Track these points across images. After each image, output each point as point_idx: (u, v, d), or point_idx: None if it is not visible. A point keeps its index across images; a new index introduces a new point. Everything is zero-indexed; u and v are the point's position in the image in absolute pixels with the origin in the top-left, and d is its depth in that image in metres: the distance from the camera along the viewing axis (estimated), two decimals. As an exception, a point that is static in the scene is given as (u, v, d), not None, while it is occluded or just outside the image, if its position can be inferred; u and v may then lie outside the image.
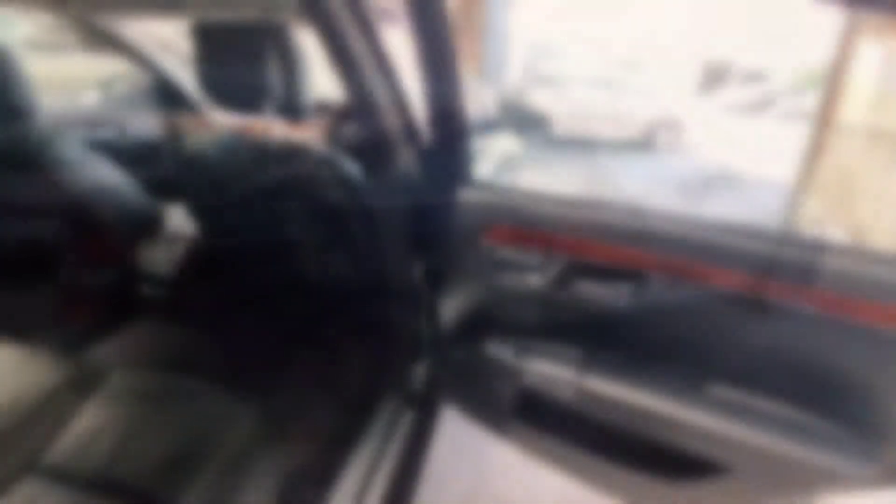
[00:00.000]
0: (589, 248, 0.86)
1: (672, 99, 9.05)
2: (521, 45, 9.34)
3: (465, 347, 1.07)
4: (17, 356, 1.02)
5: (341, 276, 1.31)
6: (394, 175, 1.01)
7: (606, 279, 0.87)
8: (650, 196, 5.80)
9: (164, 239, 1.43)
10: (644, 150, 8.49)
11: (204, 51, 1.00)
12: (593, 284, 0.88)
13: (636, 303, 0.86)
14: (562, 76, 10.47)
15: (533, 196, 0.92)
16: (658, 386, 0.87)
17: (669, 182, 6.54)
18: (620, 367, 0.90)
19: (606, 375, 0.90)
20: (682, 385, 0.87)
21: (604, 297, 0.88)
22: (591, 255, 0.86)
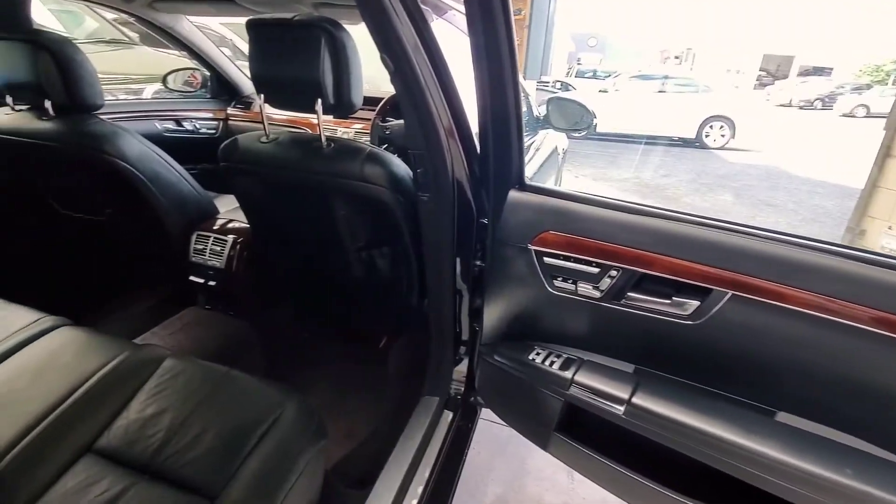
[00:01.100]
0: (649, 260, 0.81)
1: (727, 94, 8.58)
2: (566, 35, 9.09)
3: (508, 353, 1.04)
4: (82, 339, 1.06)
5: (386, 273, 1.30)
6: (442, 174, 0.99)
7: (667, 294, 0.82)
8: (697, 193, 5.55)
9: (216, 229, 1.47)
10: (695, 146, 8.12)
11: (258, 45, 1.01)
12: (652, 298, 0.83)
13: (699, 320, 0.80)
14: (608, 69, 10.14)
15: (588, 201, 0.88)
16: (717, 410, 0.81)
17: (718, 180, 6.22)
18: (676, 387, 0.85)
19: (660, 394, 0.84)
20: (745, 411, 0.81)
21: (663, 312, 0.83)
22: (651, 267, 0.81)
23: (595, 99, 8.22)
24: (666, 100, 8.49)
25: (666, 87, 8.64)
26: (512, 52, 0.79)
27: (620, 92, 8.68)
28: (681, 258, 0.79)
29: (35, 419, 0.88)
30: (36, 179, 1.45)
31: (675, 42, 13.35)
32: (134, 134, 1.29)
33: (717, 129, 8.11)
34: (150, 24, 1.89)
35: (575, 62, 12.42)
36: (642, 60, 15.23)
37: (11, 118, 1.28)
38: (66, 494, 0.78)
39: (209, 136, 2.18)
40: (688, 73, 11.10)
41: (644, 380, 0.88)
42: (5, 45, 1.18)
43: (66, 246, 1.64)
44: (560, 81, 9.85)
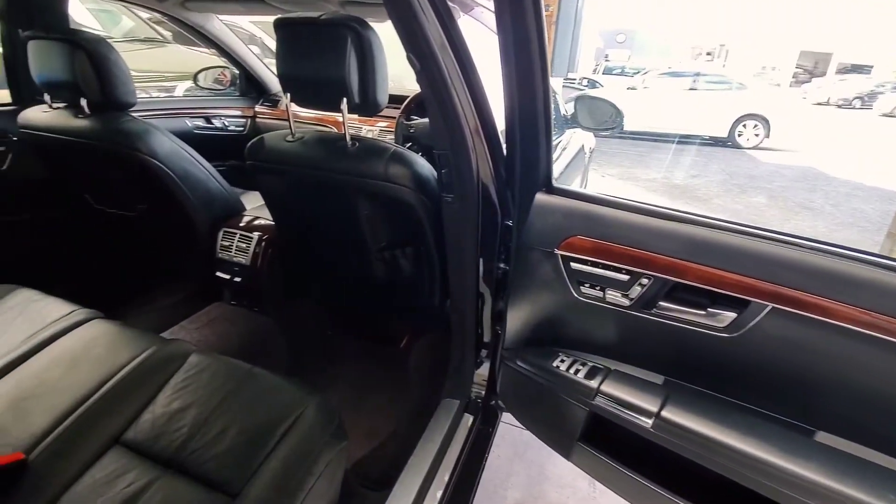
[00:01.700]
0: (683, 268, 0.78)
1: (761, 91, 8.27)
2: (594, 31, 8.93)
3: (531, 359, 1.02)
4: (113, 332, 1.09)
5: (408, 274, 1.29)
6: (466, 175, 0.98)
7: (701, 304, 0.79)
8: (729, 194, 5.37)
9: (242, 226, 1.49)
10: (727, 145, 7.87)
11: (285, 45, 1.01)
12: (685, 309, 0.80)
13: (735, 333, 0.76)
14: (637, 66, 9.90)
15: (619, 206, 0.85)
16: (752, 427, 0.78)
17: (751, 181, 6.01)
18: (708, 401, 0.82)
19: (691, 408, 0.81)
20: (782, 429, 0.77)
21: (697, 323, 0.79)
22: (685, 276, 0.78)
23: (623, 96, 8.04)
24: (697, 97, 8.24)
25: (697, 85, 8.39)
26: (542, 50, 0.77)
27: (649, 89, 8.47)
28: (717, 268, 0.75)
29: (67, 409, 0.90)
30: (72, 175, 1.49)
31: (708, 38, 12.93)
32: (164, 132, 1.31)
33: (750, 127, 7.83)
34: (181, 22, 1.92)
35: (602, 59, 12.17)
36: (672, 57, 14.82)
37: (49, 116, 1.32)
38: (95, 485, 0.80)
39: (237, 133, 2.22)
40: (720, 70, 10.76)
41: (674, 392, 0.84)
42: (44, 44, 1.22)
43: (99, 240, 1.69)
44: (587, 78, 9.68)
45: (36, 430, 0.86)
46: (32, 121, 1.34)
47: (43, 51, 1.23)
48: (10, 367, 1.00)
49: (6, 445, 0.83)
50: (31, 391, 0.95)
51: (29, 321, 1.12)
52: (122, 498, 0.77)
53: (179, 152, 1.32)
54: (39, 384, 0.96)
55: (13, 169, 1.44)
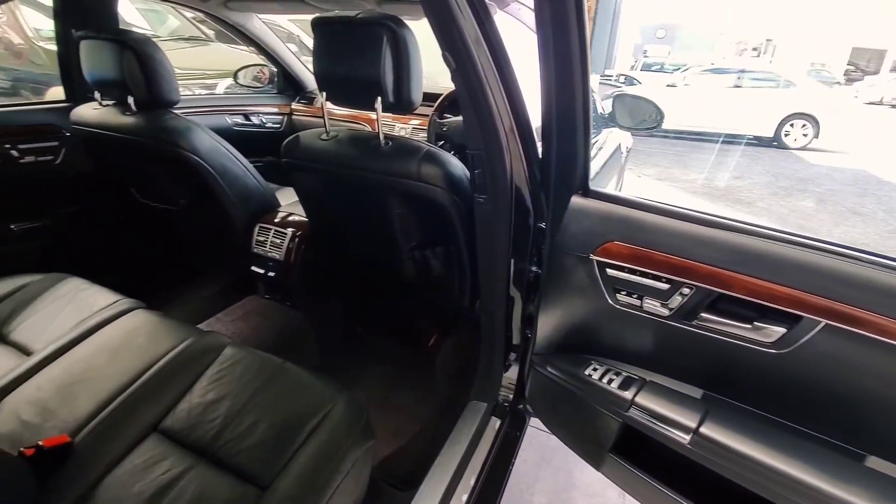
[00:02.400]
0: (728, 279, 0.74)
1: (809, 90, 7.83)
2: (633, 26, 8.67)
3: (562, 366, 0.99)
4: (154, 322, 1.13)
5: (438, 274, 1.29)
6: (500, 176, 0.96)
7: (747, 318, 0.74)
8: (774, 197, 5.12)
9: (277, 222, 1.52)
10: (772, 146, 7.51)
11: (322, 43, 1.02)
12: (730, 322, 0.76)
13: (784, 349, 0.72)
14: (678, 63, 9.55)
15: (660, 211, 0.81)
16: (799, 449, 0.73)
17: (798, 183, 5.71)
18: (751, 420, 0.77)
19: (733, 425, 0.77)
20: (831, 452, 0.72)
21: (742, 337, 0.75)
22: (731, 288, 0.74)
23: (662, 94, 7.79)
24: (741, 95, 7.90)
25: (742, 82, 8.04)
26: (583, 48, 0.74)
27: (690, 86, 8.17)
28: (766, 280, 0.71)
29: (110, 395, 0.94)
30: (119, 170, 1.56)
31: (754, 33, 12.32)
32: (205, 129, 1.35)
33: (798, 127, 7.44)
34: (223, 21, 1.98)
35: (641, 55, 11.80)
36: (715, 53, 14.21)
37: (99, 113, 1.38)
38: (134, 470, 0.83)
39: (274, 130, 2.26)
40: (767, 67, 10.26)
41: (714, 408, 0.80)
42: (95, 43, 1.27)
43: (143, 233, 1.76)
44: (624, 75, 9.42)
45: (81, 415, 0.91)
46: (84, 117, 1.40)
47: (94, 50, 1.28)
48: (60, 352, 1.05)
49: (54, 428, 0.88)
50: (78, 376, 0.99)
51: (77, 309, 1.18)
52: (158, 484, 0.80)
53: (219, 149, 1.36)
54: (86, 370, 1.01)
55: (65, 163, 1.51)
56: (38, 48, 3.36)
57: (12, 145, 1.41)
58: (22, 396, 0.95)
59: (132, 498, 0.78)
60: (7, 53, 3.49)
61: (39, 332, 1.13)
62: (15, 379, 0.98)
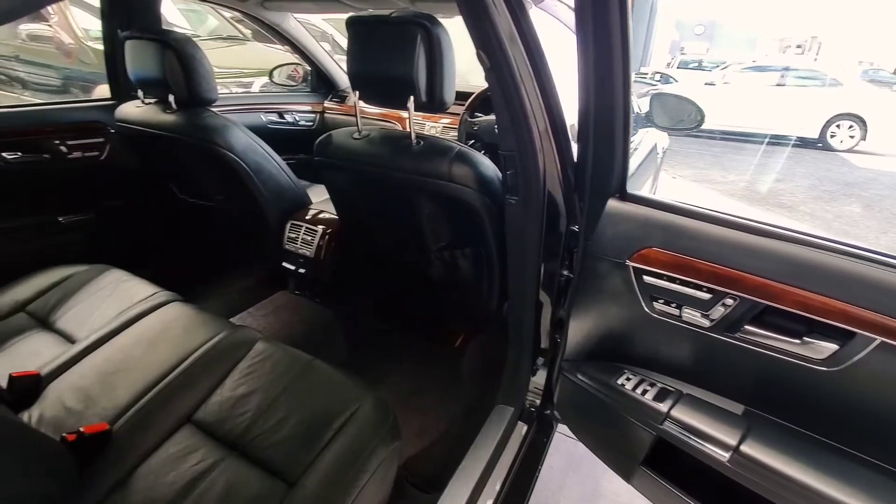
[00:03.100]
0: (776, 291, 0.69)
1: (856, 89, 7.41)
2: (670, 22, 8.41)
3: (593, 374, 0.97)
4: (189, 315, 1.16)
5: (466, 274, 1.28)
6: (532, 177, 0.94)
7: (796, 332, 0.70)
8: (818, 201, 4.87)
9: (308, 219, 1.54)
10: (817, 147, 7.15)
11: (356, 43, 1.02)
12: (776, 336, 0.72)
13: (835, 367, 0.68)
14: (717, 60, 9.21)
15: (704, 217, 0.78)
16: (848, 472, 0.69)
17: (844, 187, 5.41)
18: (797, 439, 0.73)
19: (776, 444, 0.73)
20: (883, 477, 0.68)
21: (789, 353, 0.71)
22: (779, 300, 0.70)
23: (700, 92, 7.52)
24: (784, 94, 7.55)
25: (785, 80, 7.68)
26: (625, 47, 0.71)
27: (730, 85, 7.87)
28: (818, 293, 0.66)
29: (147, 385, 0.97)
30: (160, 166, 1.61)
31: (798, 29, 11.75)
32: (241, 127, 1.37)
33: (844, 128, 7.05)
34: (260, 21, 2.01)
35: (678, 52, 11.45)
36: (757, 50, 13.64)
37: (142, 111, 1.42)
38: (168, 460, 0.85)
39: (307, 128, 2.29)
40: (812, 65, 9.78)
41: (756, 425, 0.76)
42: (138, 43, 1.31)
43: (181, 227, 1.81)
44: (660, 73, 9.15)
45: (120, 403, 0.94)
46: (127, 115, 1.45)
47: (137, 50, 1.33)
48: (101, 341, 1.09)
49: (94, 415, 0.91)
50: (117, 365, 1.03)
51: (118, 300, 1.22)
52: (191, 475, 0.82)
53: (254, 147, 1.39)
54: (125, 359, 1.04)
55: (110, 159, 1.57)
56: (86, 47, 3.51)
57: (61, 141, 1.47)
58: (66, 383, 0.99)
59: (166, 487, 0.80)
60: (58, 53, 3.67)
61: (83, 320, 1.18)
62: (60, 366, 1.02)
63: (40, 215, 1.50)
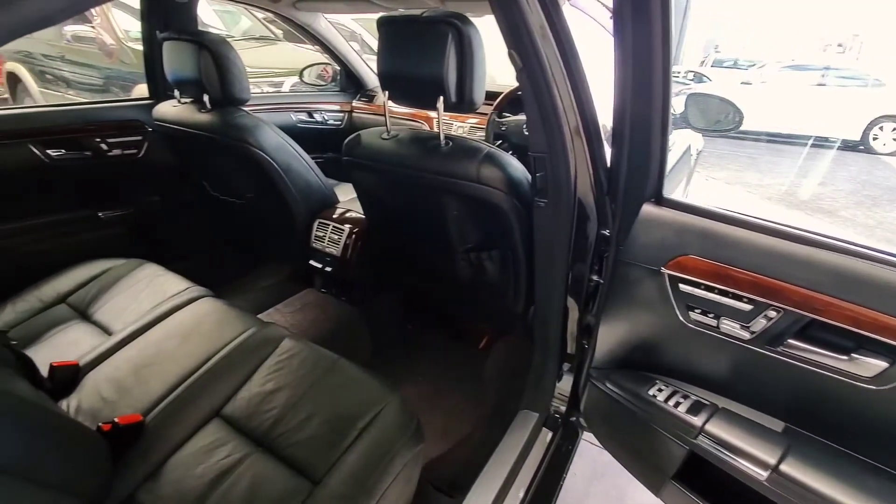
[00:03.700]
0: (823, 304, 0.66)
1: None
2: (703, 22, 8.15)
3: (623, 383, 0.94)
4: (220, 310, 1.18)
5: (492, 277, 1.26)
6: (563, 179, 0.92)
7: (844, 348, 0.66)
8: (860, 206, 4.64)
9: (336, 218, 1.55)
10: (858, 150, 6.82)
11: (386, 43, 1.01)
12: (822, 351, 0.68)
13: (885, 386, 0.64)
14: (753, 59, 8.88)
15: (746, 224, 0.74)
16: None
17: (888, 192, 5.14)
18: (841, 460, 0.69)
19: (819, 465, 0.69)
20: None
21: (836, 370, 0.67)
22: (826, 314, 0.66)
23: (736, 92, 7.27)
24: (825, 95, 7.23)
25: (825, 80, 7.36)
26: (666, 48, 0.69)
27: (767, 84, 7.58)
28: (869, 307, 0.63)
29: (179, 379, 1.00)
30: (194, 164, 1.65)
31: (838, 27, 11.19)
32: (272, 126, 1.39)
33: (888, 131, 6.70)
34: (292, 21, 2.04)
35: (712, 50, 11.10)
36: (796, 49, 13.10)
37: (178, 110, 1.46)
38: (197, 453, 0.87)
39: (335, 127, 2.32)
40: (853, 64, 9.34)
41: (797, 444, 0.73)
42: (175, 44, 1.35)
43: (213, 224, 1.86)
44: (693, 72, 8.88)
45: (153, 395, 0.96)
46: (164, 114, 1.49)
47: (174, 50, 1.36)
48: (136, 334, 1.12)
49: (128, 406, 0.94)
50: (151, 358, 1.06)
51: (152, 294, 1.26)
52: (218, 469, 0.83)
53: (284, 146, 1.40)
54: (158, 352, 1.07)
55: (147, 156, 1.62)
56: (126, 48, 3.63)
57: (102, 139, 1.52)
58: (102, 374, 1.02)
59: (194, 479, 0.82)
60: (100, 53, 3.81)
61: (119, 313, 1.21)
62: (97, 356, 1.06)
63: (81, 210, 1.56)
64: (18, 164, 1.40)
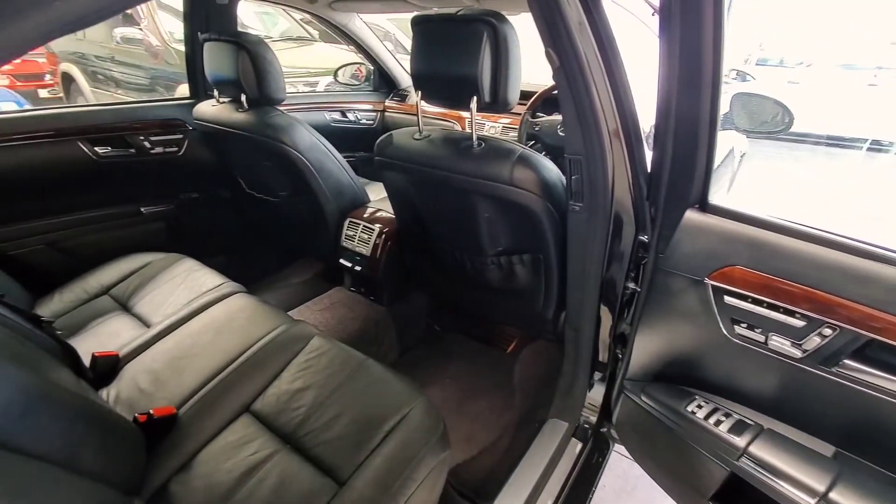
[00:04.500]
0: (887, 323, 0.61)
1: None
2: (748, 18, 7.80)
3: (660, 397, 0.90)
4: (252, 306, 1.20)
5: (523, 281, 1.24)
6: (599, 183, 0.89)
7: None
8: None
9: (366, 217, 1.55)
10: (920, 154, 6.38)
11: (420, 42, 1.00)
12: (883, 374, 0.63)
13: None
14: (803, 58, 8.44)
15: (800, 235, 0.69)
16: None
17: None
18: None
19: (872, 495, 0.64)
20: None
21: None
22: (890, 334, 0.61)
23: (783, 91, 6.93)
24: (878, 95, 6.80)
25: (879, 80, 6.93)
26: (718, 46, 0.65)
27: (817, 83, 7.19)
28: None
29: (212, 373, 1.02)
30: (231, 162, 1.69)
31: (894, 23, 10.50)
32: (306, 125, 1.41)
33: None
34: (327, 22, 2.07)
35: (757, 47, 10.61)
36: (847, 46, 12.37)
37: (217, 109, 1.50)
38: (227, 447, 0.88)
39: (368, 126, 2.33)
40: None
41: (849, 471, 0.67)
42: (215, 45, 1.38)
43: (247, 220, 1.90)
44: (735, 70, 8.53)
45: (186, 388, 0.98)
46: (203, 113, 1.53)
47: (214, 51, 1.39)
48: (173, 327, 1.16)
49: (163, 398, 0.96)
50: (186, 351, 1.08)
51: (189, 288, 1.29)
52: (246, 465, 0.84)
53: (317, 145, 1.42)
54: (192, 346, 1.10)
55: (187, 154, 1.67)
56: (171, 49, 3.78)
57: (145, 137, 1.58)
58: (140, 365, 1.05)
59: (223, 474, 0.83)
60: (146, 54, 3.98)
61: (157, 306, 1.25)
62: (136, 348, 1.10)
63: (125, 205, 1.62)
64: (69, 161, 1.46)
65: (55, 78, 5.13)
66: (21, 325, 0.92)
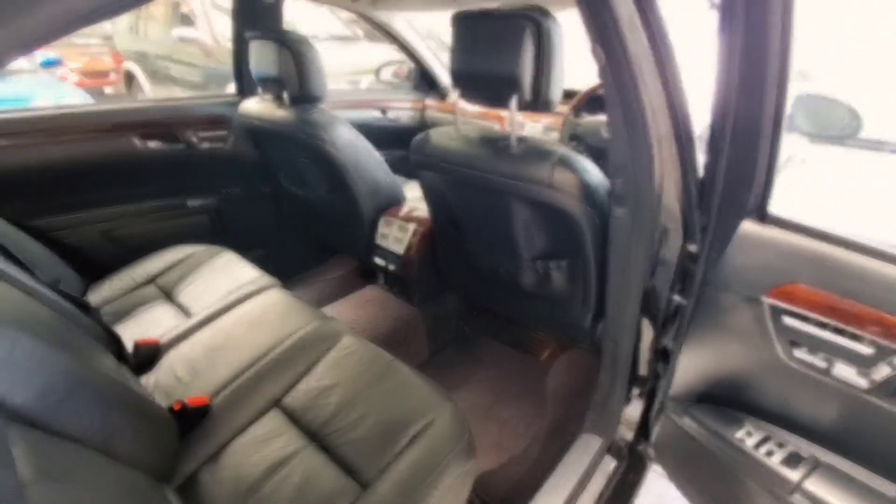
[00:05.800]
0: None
1: None
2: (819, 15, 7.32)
3: (705, 420, 0.84)
4: (286, 301, 1.22)
5: (559, 288, 1.19)
6: (645, 188, 0.83)
7: None
8: None
9: (401, 216, 1.55)
10: None
11: (460, 39, 0.98)
12: None
13: None
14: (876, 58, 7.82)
15: (869, 252, 0.62)
16: None
17: None
18: None
19: None
20: None
21: None
22: None
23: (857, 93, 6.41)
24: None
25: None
26: (786, 43, 0.59)
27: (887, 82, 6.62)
28: None
29: (245, 365, 1.03)
30: (273, 158, 1.73)
31: None
32: (345, 123, 1.42)
33: None
34: (370, 20, 2.08)
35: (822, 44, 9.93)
36: (931, 42, 11.37)
37: (260, 106, 1.53)
38: (255, 441, 0.89)
39: (407, 125, 2.33)
40: None
41: None
42: (260, 43, 1.40)
43: (286, 215, 1.94)
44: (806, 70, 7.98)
45: (220, 379, 1.00)
46: (248, 110, 1.57)
47: (259, 49, 1.42)
48: (211, 318, 1.19)
49: (197, 388, 0.98)
50: (221, 343, 1.11)
51: (228, 281, 1.33)
52: (273, 459, 0.85)
53: (355, 143, 1.42)
54: (228, 338, 1.12)
55: (232, 150, 1.72)
56: (223, 48, 3.93)
57: (194, 132, 1.63)
58: (179, 353, 1.09)
59: (250, 467, 0.84)
60: (200, 53, 4.16)
61: (198, 296, 1.29)
62: (176, 336, 1.13)
63: (172, 198, 1.69)
64: (123, 154, 1.53)
65: (119, 76, 5.46)
66: (72, 310, 0.96)
